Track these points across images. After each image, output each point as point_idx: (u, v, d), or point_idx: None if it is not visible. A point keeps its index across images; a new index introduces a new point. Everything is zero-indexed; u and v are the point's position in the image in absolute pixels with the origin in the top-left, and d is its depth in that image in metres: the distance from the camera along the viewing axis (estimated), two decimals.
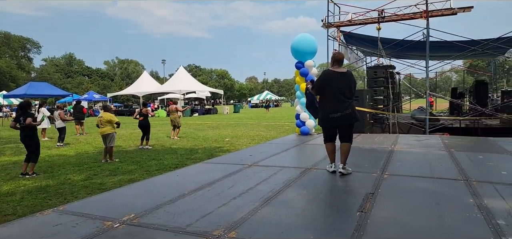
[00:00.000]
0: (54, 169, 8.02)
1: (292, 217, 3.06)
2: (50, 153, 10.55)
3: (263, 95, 68.23)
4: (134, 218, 3.10)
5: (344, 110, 4.38)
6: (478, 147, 6.56)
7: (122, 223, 2.97)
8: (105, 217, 3.14)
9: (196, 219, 3.03)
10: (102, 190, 5.92)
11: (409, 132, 11.40)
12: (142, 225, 2.92)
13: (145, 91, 36.44)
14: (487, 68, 30.17)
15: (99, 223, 3.00)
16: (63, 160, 9.34)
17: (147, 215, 3.18)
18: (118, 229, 2.86)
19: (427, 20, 10.03)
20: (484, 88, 13.96)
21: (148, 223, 2.97)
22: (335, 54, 4.77)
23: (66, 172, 7.60)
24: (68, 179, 6.91)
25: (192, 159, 9.18)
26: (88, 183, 6.52)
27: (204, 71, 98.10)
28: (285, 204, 3.44)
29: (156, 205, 3.43)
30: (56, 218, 3.17)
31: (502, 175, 4.30)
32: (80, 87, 64.64)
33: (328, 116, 4.48)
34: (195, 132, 16.84)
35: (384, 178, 4.29)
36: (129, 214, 3.18)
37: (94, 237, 2.72)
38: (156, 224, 2.93)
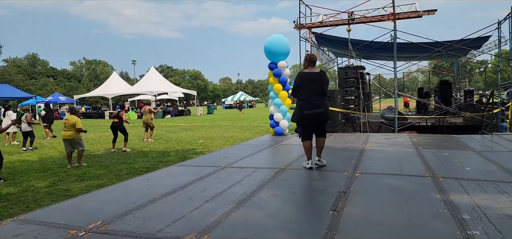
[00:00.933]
0: (16, 175, 7.60)
1: (266, 219, 3.04)
2: (11, 159, 9.99)
3: (237, 96, 68.16)
4: (101, 225, 2.96)
5: (317, 109, 4.69)
6: (443, 144, 6.84)
7: (88, 231, 2.83)
8: (70, 225, 2.98)
9: (167, 224, 2.94)
10: (67, 196, 5.66)
11: (379, 130, 11.73)
12: (109, 233, 2.80)
13: (115, 92, 35.41)
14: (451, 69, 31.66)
15: (63, 231, 2.84)
16: (26, 165, 8.87)
17: (115, 221, 3.05)
18: (83, 238, 2.72)
19: (394, 23, 10.39)
20: (448, 88, 14.64)
21: (116, 230, 2.85)
22: (308, 55, 5.07)
23: (29, 179, 7.22)
24: (31, 186, 6.56)
25: (164, 162, 8.99)
26: (52, 189, 6.22)
27: (176, 72, 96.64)
28: (259, 205, 3.42)
29: (125, 211, 3.30)
30: (15, 228, 2.98)
31: (466, 170, 4.49)
32: (44, 89, 61.76)
33: (303, 114, 4.75)
34: (168, 134, 16.53)
35: (355, 177, 4.36)
36: (96, 221, 3.04)
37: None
38: (125, 231, 2.82)
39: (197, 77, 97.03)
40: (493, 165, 4.79)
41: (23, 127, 12.14)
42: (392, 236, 2.57)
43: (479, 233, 2.53)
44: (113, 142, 11.23)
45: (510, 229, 2.58)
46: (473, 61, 27.15)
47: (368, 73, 16.29)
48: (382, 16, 10.54)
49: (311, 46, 12.60)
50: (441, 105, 12.03)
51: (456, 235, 2.51)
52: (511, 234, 2.49)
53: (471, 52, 15.96)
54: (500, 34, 11.20)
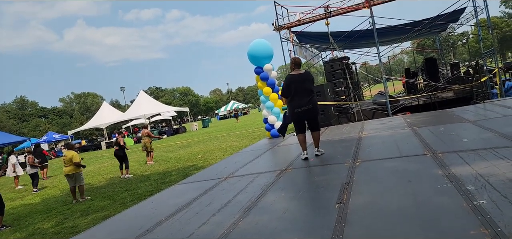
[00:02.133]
0: (20, 220, 7.53)
1: (274, 222, 3.05)
2: (13, 204, 9.90)
3: (230, 105, 68.15)
4: None
5: (307, 105, 5.20)
6: (438, 120, 6.91)
7: None
8: None
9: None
10: (75, 233, 5.62)
11: (373, 117, 11.81)
12: None
13: (108, 122, 35.23)
14: (434, 46, 32.06)
15: None
16: (29, 209, 8.79)
17: None
18: None
19: (371, 9, 10.50)
20: (434, 64, 14.79)
21: None
22: (293, 59, 5.61)
23: (34, 221, 7.16)
24: (37, 228, 6.51)
25: (166, 182, 8.96)
26: (59, 228, 6.17)
27: (166, 92, 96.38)
28: (265, 210, 3.43)
29: (133, 238, 3.30)
30: None
31: (464, 142, 4.54)
32: (37, 130, 61.20)
33: (295, 111, 5.28)
34: (166, 154, 16.47)
35: (356, 166, 4.39)
36: None
37: None
38: None
39: (188, 94, 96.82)
40: (490, 132, 4.85)
41: (28, 170, 12.15)
42: (400, 220, 2.60)
43: (485, 201, 2.56)
44: (121, 169, 11.26)
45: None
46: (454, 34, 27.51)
47: (354, 63, 16.43)
48: (357, 5, 10.64)
49: (293, 46, 12.68)
50: (429, 83, 12.15)
51: (463, 208, 2.54)
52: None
53: (450, 26, 16.18)
54: (475, 4, 11.38)
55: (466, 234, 2.16)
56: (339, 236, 2.47)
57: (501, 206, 2.45)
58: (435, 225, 2.38)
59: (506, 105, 7.16)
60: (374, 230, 2.51)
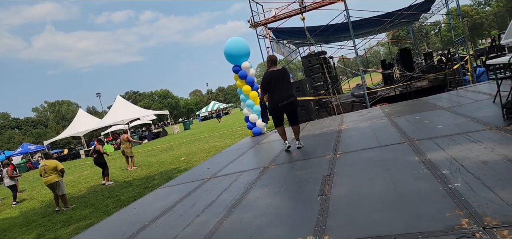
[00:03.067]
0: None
1: (258, 218, 3.07)
2: None
3: (210, 106, 67.74)
4: None
5: (287, 99, 5.48)
6: (414, 109, 7.11)
7: None
8: None
9: None
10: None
11: (353, 109, 12.02)
12: None
13: (85, 129, 34.32)
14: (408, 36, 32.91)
15: None
16: (8, 223, 8.49)
17: None
18: None
19: (345, 2, 10.66)
20: (408, 54, 15.18)
21: None
22: (270, 57, 5.86)
23: (14, 236, 6.92)
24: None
25: (149, 187, 8.84)
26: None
27: (144, 96, 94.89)
28: (249, 207, 3.45)
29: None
30: None
31: (439, 129, 4.70)
32: (11, 142, 59.01)
33: (277, 105, 5.53)
34: (148, 158, 16.23)
35: (337, 158, 4.48)
36: None
37: None
38: None
39: (167, 96, 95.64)
40: (463, 118, 5.03)
41: (6, 182, 11.68)
42: (380, 207, 2.67)
43: (460, 184, 2.67)
44: (103, 175, 11.02)
45: (487, 174, 2.74)
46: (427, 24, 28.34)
47: (331, 57, 16.64)
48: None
49: (270, 42, 12.72)
50: (405, 73, 12.48)
51: (439, 192, 2.64)
52: (489, 178, 2.65)
53: (423, 16, 16.63)
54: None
55: (443, 216, 2.25)
56: (322, 227, 2.52)
57: (475, 187, 2.56)
58: (413, 210, 2.46)
59: (477, 91, 7.44)
60: (356, 218, 2.57)
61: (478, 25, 61.84)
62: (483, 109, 5.37)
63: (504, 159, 2.98)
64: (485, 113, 4.99)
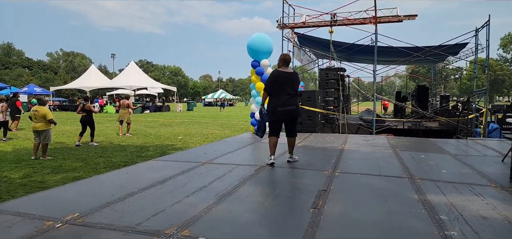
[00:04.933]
0: None
1: (247, 214, 3.02)
2: None
3: (218, 93, 67.72)
4: (78, 217, 2.87)
5: (289, 106, 4.97)
6: (420, 147, 7.02)
7: (65, 223, 2.73)
8: (45, 216, 2.87)
9: (147, 217, 2.88)
10: (42, 188, 5.47)
11: (357, 132, 11.93)
12: (86, 225, 2.71)
13: (93, 86, 34.47)
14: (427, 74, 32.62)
15: (38, 222, 2.74)
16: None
17: (93, 214, 2.96)
18: (60, 229, 2.62)
19: (376, 26, 10.56)
20: (425, 92, 15.04)
21: (93, 222, 2.76)
22: (283, 55, 5.24)
23: (2, 169, 6.94)
24: (4, 176, 6.30)
25: (142, 156, 8.83)
26: (26, 181, 5.98)
27: (156, 68, 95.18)
28: (240, 201, 3.40)
29: (103, 204, 3.21)
30: None
31: (442, 173, 4.61)
32: (19, 80, 59.38)
33: (276, 110, 4.98)
34: (146, 129, 16.23)
35: (335, 176, 4.41)
36: (73, 213, 2.93)
37: (33, 237, 2.47)
38: (103, 223, 2.74)
39: (178, 74, 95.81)
40: (468, 168, 4.95)
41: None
42: (372, 235, 2.61)
43: (456, 233, 2.60)
44: (80, 135, 10.77)
45: (486, 230, 2.66)
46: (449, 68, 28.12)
47: (348, 76, 16.53)
48: (364, 19, 10.70)
49: (293, 46, 12.65)
50: (418, 109, 12.35)
51: (434, 235, 2.56)
52: (487, 235, 2.57)
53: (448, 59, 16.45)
54: (477, 42, 11.59)
55: None
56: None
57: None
58: None
59: (487, 146, 7.33)
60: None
61: (499, 81, 61.35)
62: (490, 165, 5.28)
63: (505, 220, 2.90)
64: (492, 169, 4.90)
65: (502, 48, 66.22)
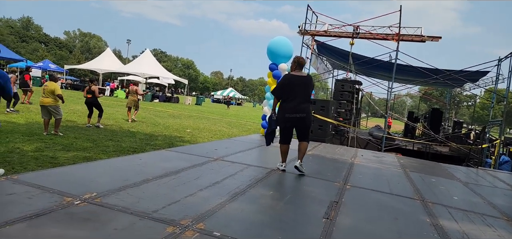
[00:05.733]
0: (1, 135, 7.39)
1: (261, 215, 3.05)
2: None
3: (227, 91, 67.86)
4: (96, 197, 2.92)
5: (299, 113, 4.67)
6: (430, 170, 6.98)
7: (83, 201, 2.79)
8: (64, 192, 2.93)
9: (162, 206, 2.92)
10: (53, 164, 5.55)
11: (366, 147, 11.89)
12: (104, 206, 2.76)
13: (107, 68, 34.79)
14: (440, 98, 32.34)
15: (57, 197, 2.79)
16: (12, 127, 8.65)
17: (110, 195, 3.01)
18: (79, 206, 2.67)
19: (398, 43, 10.51)
20: (439, 116, 14.89)
21: (111, 204, 2.81)
22: (297, 58, 4.95)
23: (15, 140, 7.05)
24: (17, 147, 6.40)
25: (151, 145, 8.91)
26: (38, 154, 6.08)
27: (169, 58, 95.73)
28: (253, 201, 3.42)
29: (119, 187, 3.26)
30: (8, 187, 2.91)
31: (454, 200, 4.59)
32: (34, 54, 60.15)
33: (285, 116, 4.73)
34: (155, 118, 16.35)
35: (346, 188, 4.41)
36: (90, 193, 2.99)
37: (53, 211, 2.53)
38: (120, 206, 2.78)
39: (190, 67, 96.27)
40: (479, 198, 4.91)
41: None
42: None
43: None
44: (88, 117, 10.84)
45: None
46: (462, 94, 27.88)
47: (361, 90, 16.48)
48: (386, 34, 10.66)
49: (311, 54, 12.65)
50: (429, 132, 12.27)
51: None
52: None
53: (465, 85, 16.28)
54: (499, 71, 11.49)
55: None
56: None
57: None
58: None
59: (497, 177, 7.27)
60: None
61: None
62: (501, 197, 5.24)
63: None
64: (503, 202, 4.86)
65: None
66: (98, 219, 2.51)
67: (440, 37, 10.65)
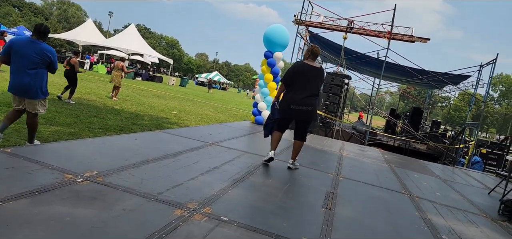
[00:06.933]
0: None
1: (263, 202, 3.11)
2: None
3: (212, 75, 67.17)
4: (97, 175, 2.89)
5: (305, 106, 4.32)
6: (412, 167, 7.26)
7: (85, 179, 2.76)
8: (64, 169, 2.89)
9: (167, 188, 2.93)
10: (38, 138, 5.38)
11: (350, 140, 12.18)
12: (108, 185, 2.75)
13: (87, 41, 33.56)
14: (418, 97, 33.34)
15: (58, 174, 2.75)
16: None
17: (111, 175, 2.99)
18: (82, 184, 2.65)
19: (389, 41, 10.73)
20: (419, 115, 15.40)
21: (114, 183, 2.80)
22: (312, 47, 4.66)
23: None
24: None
25: (138, 124, 8.78)
26: (20, 126, 5.85)
27: (153, 35, 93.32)
28: (254, 188, 3.49)
29: (120, 167, 3.24)
30: (4, 160, 2.84)
31: (437, 195, 4.83)
32: (7, 19, 57.18)
33: (289, 107, 4.36)
34: (139, 97, 16.03)
35: (339, 180, 4.55)
36: (91, 171, 2.96)
37: (57, 188, 2.49)
38: (124, 186, 2.78)
39: (174, 46, 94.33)
40: (459, 195, 5.19)
41: None
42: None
43: None
44: (65, 89, 10.39)
45: None
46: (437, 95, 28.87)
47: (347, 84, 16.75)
48: (379, 32, 10.83)
49: (304, 44, 12.70)
50: (411, 130, 12.69)
51: None
52: None
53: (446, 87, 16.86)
54: (479, 77, 11.99)
55: None
56: (328, 237, 2.58)
57: None
58: None
59: (472, 176, 7.69)
60: None
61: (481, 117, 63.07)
62: (478, 195, 5.55)
63: None
64: (480, 200, 5.16)
65: (491, 86, 68.25)
66: (104, 198, 2.51)
67: (428, 39, 10.95)
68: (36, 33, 4.60)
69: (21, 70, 4.34)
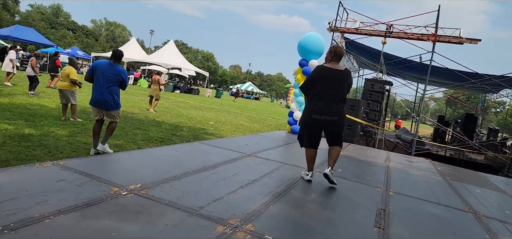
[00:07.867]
0: (36, 118, 7.49)
1: (308, 219, 2.87)
2: (31, 101, 9.90)
3: (245, 85, 67.72)
4: (141, 188, 2.82)
5: (329, 115, 3.85)
6: (471, 180, 6.61)
7: (130, 192, 2.70)
8: (110, 181, 2.86)
9: (208, 202, 2.79)
10: (87, 150, 5.54)
11: (394, 150, 11.51)
12: (151, 198, 2.66)
13: (131, 58, 35.14)
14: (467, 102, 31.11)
15: (105, 187, 2.72)
16: (45, 111, 8.77)
17: (154, 188, 2.91)
18: (126, 197, 2.59)
19: (434, 44, 10.03)
20: (473, 122, 14.18)
21: (157, 197, 2.71)
22: (334, 48, 4.12)
23: (49, 124, 7.11)
24: (51, 131, 6.44)
25: (177, 135, 8.86)
26: (72, 140, 6.09)
27: (190, 50, 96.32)
28: (296, 204, 3.25)
29: (162, 179, 3.16)
30: (57, 173, 2.87)
31: (506, 214, 4.28)
32: (63, 41, 61.73)
33: (311, 117, 3.90)
34: (178, 109, 16.37)
35: (390, 195, 4.18)
36: (135, 183, 2.89)
37: (103, 201, 2.45)
38: (166, 200, 2.68)
39: (209, 59, 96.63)
40: None
41: (27, 71, 11.91)
42: None
43: None
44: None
45: None
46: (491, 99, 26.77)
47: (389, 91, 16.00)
48: (422, 34, 10.19)
49: None
50: (464, 138, 11.74)
51: None
52: None
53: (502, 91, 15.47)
54: None
55: None
56: None
57: None
58: None
59: None
60: None
61: None
62: None
63: None
64: None
65: None
66: (148, 212, 2.42)
67: (479, 40, 10.08)
68: (114, 57, 5.38)
69: (101, 88, 5.11)
